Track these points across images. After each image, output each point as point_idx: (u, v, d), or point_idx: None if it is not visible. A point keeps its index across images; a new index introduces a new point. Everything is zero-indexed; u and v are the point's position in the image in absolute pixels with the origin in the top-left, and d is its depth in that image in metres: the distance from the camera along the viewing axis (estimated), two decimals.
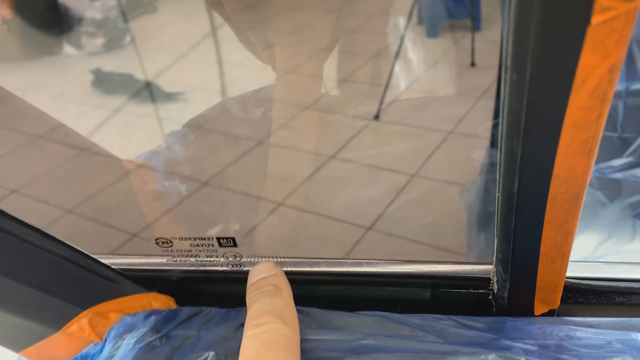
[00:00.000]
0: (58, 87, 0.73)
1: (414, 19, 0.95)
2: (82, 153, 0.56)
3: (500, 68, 0.64)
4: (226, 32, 0.62)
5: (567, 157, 0.26)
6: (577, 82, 0.23)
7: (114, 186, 0.54)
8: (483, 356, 0.32)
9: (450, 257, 0.79)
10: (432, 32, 1.07)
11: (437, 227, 0.81)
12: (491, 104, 0.71)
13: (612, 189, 1.16)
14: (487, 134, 0.71)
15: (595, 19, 0.20)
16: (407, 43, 0.92)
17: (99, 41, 0.73)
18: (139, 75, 0.69)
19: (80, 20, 0.63)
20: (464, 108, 0.94)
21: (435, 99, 0.97)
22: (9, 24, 0.58)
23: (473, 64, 1.03)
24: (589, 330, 0.34)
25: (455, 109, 0.96)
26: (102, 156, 0.53)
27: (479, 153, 0.73)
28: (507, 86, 0.25)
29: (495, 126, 0.71)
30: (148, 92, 0.69)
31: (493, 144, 0.72)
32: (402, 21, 0.89)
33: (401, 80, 0.97)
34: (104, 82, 0.73)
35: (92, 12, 0.65)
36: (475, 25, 1.03)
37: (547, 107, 0.24)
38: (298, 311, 0.37)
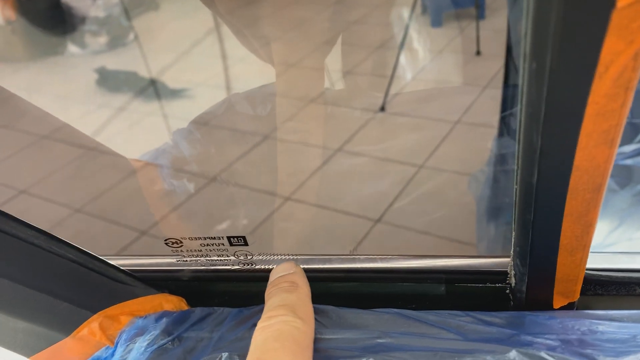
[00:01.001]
0: (63, 87, 0.73)
1: (418, 8, 0.94)
2: (87, 153, 0.55)
3: (506, 56, 0.63)
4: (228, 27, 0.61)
5: (588, 147, 0.25)
6: (600, 69, 0.22)
7: (121, 185, 0.54)
8: (503, 354, 0.32)
9: (459, 247, 0.78)
10: (437, 21, 1.06)
11: (446, 217, 0.81)
12: (498, 93, 0.70)
13: (623, 176, 1.14)
14: (495, 123, 0.70)
15: (621, 2, 0.19)
16: (412, 33, 0.91)
17: (103, 39, 0.72)
18: (144, 73, 0.69)
19: (83, 19, 0.63)
20: (471, 97, 0.93)
21: (441, 88, 0.95)
22: (13, 25, 0.58)
23: (478, 53, 1.02)
24: (611, 324, 0.33)
25: (462, 98, 0.95)
26: (108, 155, 0.52)
27: (487, 142, 0.72)
28: (525, 75, 0.24)
29: (503, 116, 0.70)
30: (153, 89, 0.68)
31: (501, 133, 0.71)
32: (406, 11, 0.88)
33: (407, 70, 0.96)
34: (108, 80, 0.73)
35: (95, 11, 0.65)
36: (480, 13, 1.02)
37: (568, 95, 0.23)
38: (313, 309, 0.36)
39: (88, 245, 0.41)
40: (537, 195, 0.29)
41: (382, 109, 0.98)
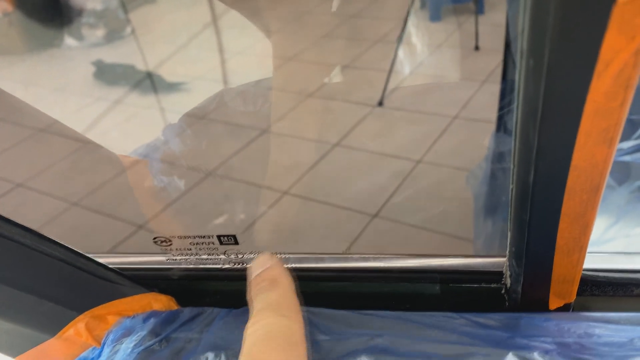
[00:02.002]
0: (60, 80, 0.72)
1: (417, 2, 0.94)
2: (73, 147, 0.54)
3: (505, 52, 0.62)
4: (226, 21, 0.60)
5: (586, 146, 0.25)
6: (599, 66, 0.21)
7: (115, 180, 0.53)
8: (499, 357, 0.31)
9: (455, 242, 0.77)
10: (436, 16, 1.05)
11: (443, 212, 0.80)
12: (496, 88, 0.69)
13: (621, 172, 1.14)
14: (493, 119, 0.70)
15: None
16: (411, 28, 0.90)
17: (100, 32, 0.72)
18: (141, 66, 0.68)
19: (80, 11, 0.62)
20: (469, 93, 0.92)
21: (440, 83, 0.95)
22: (10, 17, 0.57)
23: (477, 48, 1.01)
24: (608, 327, 0.33)
25: (460, 93, 0.94)
26: (98, 150, 0.51)
27: (485, 138, 0.71)
28: (522, 71, 0.23)
29: (502, 112, 0.70)
30: (150, 83, 0.68)
31: (499, 129, 0.70)
32: (405, 5, 0.87)
33: (405, 65, 0.95)
34: (105, 73, 0.72)
35: (92, 4, 0.64)
36: (479, 8, 1.01)
37: (567, 93, 0.22)
38: (304, 311, 0.35)
39: (83, 240, 0.41)
40: (534, 195, 0.28)
41: (380, 103, 0.97)
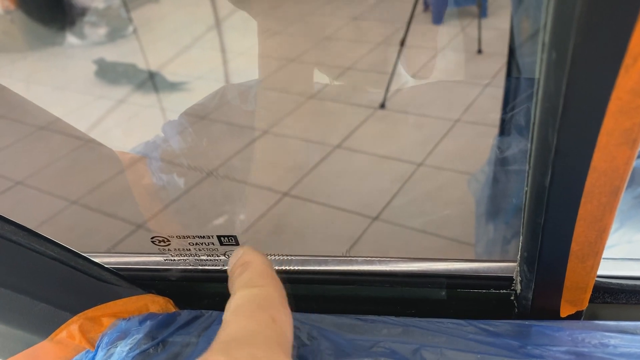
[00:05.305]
0: (62, 78, 0.71)
1: (420, 5, 0.93)
2: (76, 145, 0.53)
3: (509, 55, 0.61)
4: (230, 21, 0.60)
5: (608, 146, 0.23)
6: (627, 60, 0.20)
7: (110, 179, 0.52)
8: None
9: (456, 246, 0.76)
10: (438, 19, 1.04)
11: (445, 216, 0.79)
12: (499, 92, 0.68)
13: None
14: (496, 122, 0.68)
15: None
16: (413, 30, 0.89)
17: (102, 31, 0.71)
18: (143, 65, 0.67)
19: (83, 10, 0.61)
20: (472, 95, 0.91)
21: (442, 86, 0.94)
22: (12, 14, 0.56)
23: (480, 51, 1.00)
24: (624, 337, 0.31)
25: (463, 96, 0.93)
26: (98, 147, 0.50)
27: (488, 141, 0.70)
28: (543, 66, 0.22)
29: (505, 116, 0.69)
30: (152, 82, 0.67)
31: (502, 132, 0.69)
32: (408, 8, 0.86)
33: (407, 68, 0.94)
34: (107, 72, 0.72)
35: (94, 2, 0.63)
36: (482, 11, 1.00)
37: (590, 90, 0.21)
38: (307, 317, 0.34)
39: (80, 238, 0.40)
40: (550, 197, 0.27)
41: (382, 106, 0.96)
